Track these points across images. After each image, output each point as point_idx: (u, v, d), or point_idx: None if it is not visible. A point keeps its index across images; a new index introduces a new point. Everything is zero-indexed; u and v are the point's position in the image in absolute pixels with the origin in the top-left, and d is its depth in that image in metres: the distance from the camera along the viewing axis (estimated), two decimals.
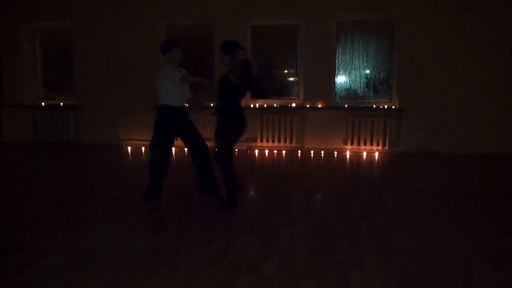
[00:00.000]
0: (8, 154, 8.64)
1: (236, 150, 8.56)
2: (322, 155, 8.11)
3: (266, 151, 8.46)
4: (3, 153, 8.74)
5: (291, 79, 8.92)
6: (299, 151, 8.40)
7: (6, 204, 5.02)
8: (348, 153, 8.23)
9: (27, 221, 4.40)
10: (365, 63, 8.41)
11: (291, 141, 8.52)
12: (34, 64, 9.73)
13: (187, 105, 5.15)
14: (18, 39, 9.42)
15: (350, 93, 8.57)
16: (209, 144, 5.18)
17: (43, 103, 9.61)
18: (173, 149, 8.71)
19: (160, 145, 4.92)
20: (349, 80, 8.53)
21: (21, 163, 7.86)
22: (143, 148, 8.65)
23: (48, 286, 2.96)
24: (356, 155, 8.07)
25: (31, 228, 4.17)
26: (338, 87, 8.57)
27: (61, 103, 9.51)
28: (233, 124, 4.70)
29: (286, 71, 9.03)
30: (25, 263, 3.31)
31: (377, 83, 8.48)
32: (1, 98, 9.70)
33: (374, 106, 8.28)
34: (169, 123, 4.87)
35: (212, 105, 4.83)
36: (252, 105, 8.68)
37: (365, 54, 8.37)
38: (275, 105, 8.61)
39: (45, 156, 8.37)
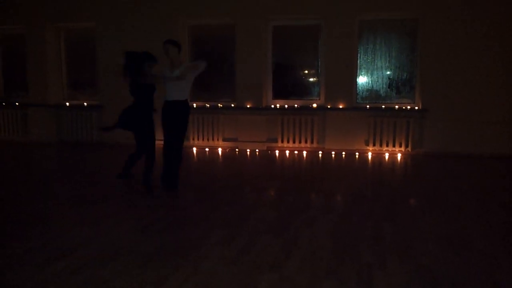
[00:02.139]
0: (33, 153, 8.82)
1: (257, 150, 8.58)
2: (343, 156, 8.05)
3: (287, 152, 8.44)
4: (29, 152, 8.92)
5: (312, 79, 8.90)
6: (320, 152, 8.36)
7: (32, 201, 5.13)
8: (370, 154, 8.15)
9: (52, 218, 4.49)
10: (387, 63, 8.32)
11: (312, 142, 8.48)
12: (59, 65, 9.92)
13: None
14: (43, 40, 9.62)
15: (372, 93, 8.49)
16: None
17: (67, 103, 9.79)
18: (194, 148, 8.79)
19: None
20: (371, 80, 8.45)
21: (46, 162, 8.03)
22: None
23: (73, 281, 3.01)
24: (378, 157, 7.99)
25: (56, 224, 4.26)
26: (359, 88, 8.51)
27: (85, 103, 9.68)
28: None
29: (307, 71, 9.01)
30: (51, 259, 3.37)
31: (399, 83, 8.38)
32: (26, 97, 9.92)
33: (397, 106, 8.18)
34: None
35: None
36: (273, 106, 8.69)
37: (388, 54, 8.28)
38: (296, 105, 8.59)
39: (69, 155, 8.53)
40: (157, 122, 5.53)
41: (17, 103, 9.92)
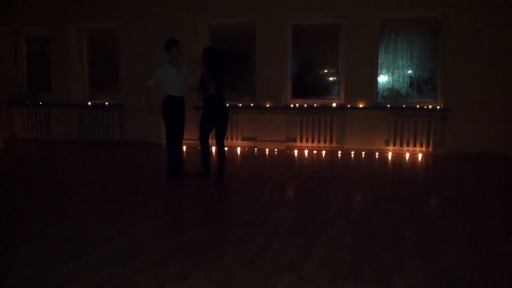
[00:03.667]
0: (56, 151, 8.99)
1: (276, 149, 8.58)
2: (363, 156, 7.98)
3: (306, 151, 8.41)
4: (51, 150, 9.10)
5: (332, 78, 8.84)
6: (339, 152, 8.31)
7: (53, 199, 5.22)
8: (390, 154, 8.07)
9: (73, 216, 4.57)
10: (408, 62, 8.22)
11: (331, 142, 8.44)
12: (81, 64, 10.08)
13: None
14: (66, 40, 9.79)
15: (392, 92, 8.40)
16: None
17: (89, 102, 9.94)
18: (213, 148, 8.81)
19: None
20: (392, 79, 8.36)
21: (67, 160, 8.17)
22: (184, 147, 8.77)
23: (92, 279, 3.05)
24: (399, 156, 7.90)
25: (77, 222, 4.33)
26: (380, 87, 8.42)
27: (106, 102, 9.81)
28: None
29: (327, 71, 8.95)
30: (70, 256, 3.42)
31: (421, 82, 8.27)
32: (50, 96, 10.11)
33: (418, 106, 8.07)
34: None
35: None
36: (292, 105, 8.66)
37: (409, 53, 8.18)
38: (315, 105, 8.55)
39: (91, 153, 8.66)
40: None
41: (40, 102, 10.12)
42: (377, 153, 8.13)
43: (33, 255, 3.48)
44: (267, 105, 8.67)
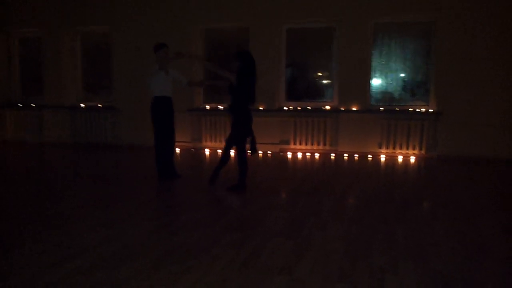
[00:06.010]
0: (48, 154, 8.94)
1: (269, 152, 8.58)
2: (356, 158, 8.00)
3: (299, 154, 8.42)
4: (44, 153, 9.04)
5: (326, 81, 8.87)
6: (333, 154, 8.32)
7: (46, 202, 5.19)
8: (383, 157, 8.09)
9: (67, 218, 4.53)
10: (402, 66, 8.26)
11: (324, 144, 8.46)
12: (75, 67, 10.04)
13: None
14: (59, 43, 9.75)
15: (386, 96, 8.44)
16: None
17: (82, 105, 9.90)
18: (207, 150, 8.78)
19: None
20: (385, 82, 8.40)
21: (61, 163, 8.12)
22: (177, 149, 8.76)
23: (85, 282, 3.03)
24: (392, 159, 7.93)
25: (70, 225, 4.30)
26: (373, 90, 8.46)
27: (100, 105, 9.78)
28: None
29: (320, 74, 8.98)
30: (64, 259, 3.40)
31: (414, 86, 8.31)
32: (42, 99, 10.06)
33: (411, 109, 8.12)
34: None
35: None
36: (286, 108, 8.67)
37: (402, 56, 8.22)
38: (309, 107, 8.57)
39: (84, 156, 8.62)
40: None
41: (33, 105, 10.07)
42: (370, 156, 8.16)
43: (26, 258, 3.44)
44: (261, 108, 8.68)
